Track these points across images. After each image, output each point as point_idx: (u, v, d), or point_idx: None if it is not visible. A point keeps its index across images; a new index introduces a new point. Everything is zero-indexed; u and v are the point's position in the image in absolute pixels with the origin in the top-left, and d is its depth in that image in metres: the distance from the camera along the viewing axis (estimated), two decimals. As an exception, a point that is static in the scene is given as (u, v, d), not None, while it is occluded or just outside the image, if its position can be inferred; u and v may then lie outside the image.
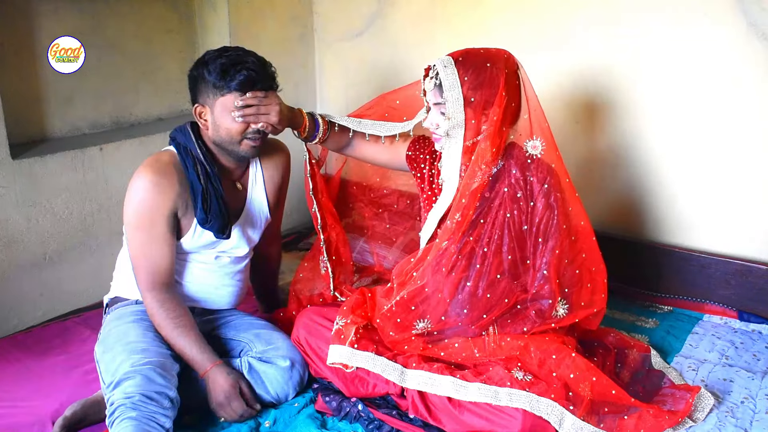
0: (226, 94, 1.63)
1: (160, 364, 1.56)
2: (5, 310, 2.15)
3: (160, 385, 1.52)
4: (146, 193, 1.63)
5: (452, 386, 1.55)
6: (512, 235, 1.64)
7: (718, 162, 2.17)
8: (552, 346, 1.61)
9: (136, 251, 1.67)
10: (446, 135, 1.63)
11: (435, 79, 1.61)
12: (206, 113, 1.68)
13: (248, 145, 1.70)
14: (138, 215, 1.64)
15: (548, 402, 1.49)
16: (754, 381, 1.79)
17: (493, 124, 1.59)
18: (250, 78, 1.62)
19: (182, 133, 1.73)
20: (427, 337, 1.69)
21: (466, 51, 1.63)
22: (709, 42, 2.09)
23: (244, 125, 1.66)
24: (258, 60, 1.67)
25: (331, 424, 1.65)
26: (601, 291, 1.72)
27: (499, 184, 1.65)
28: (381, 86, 2.90)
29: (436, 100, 1.62)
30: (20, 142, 2.24)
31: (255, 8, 2.74)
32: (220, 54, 1.65)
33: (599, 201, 2.40)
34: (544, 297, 1.64)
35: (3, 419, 1.65)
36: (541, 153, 1.66)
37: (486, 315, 1.65)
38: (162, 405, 1.50)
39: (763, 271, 2.12)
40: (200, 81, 1.66)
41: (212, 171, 1.70)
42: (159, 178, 1.64)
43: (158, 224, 1.64)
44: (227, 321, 1.86)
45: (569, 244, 1.66)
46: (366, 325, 1.73)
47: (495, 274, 1.64)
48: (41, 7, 2.25)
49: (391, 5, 2.77)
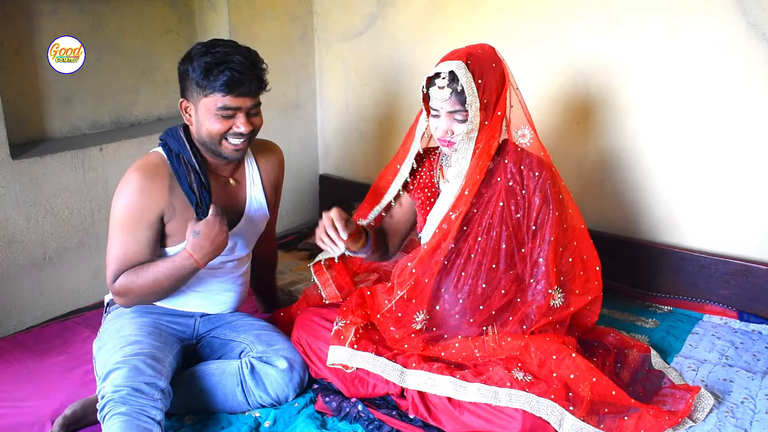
0: (209, 95, 1.59)
1: (152, 355, 1.56)
2: (5, 310, 2.15)
3: (150, 375, 1.51)
4: (132, 197, 1.61)
5: (452, 386, 1.55)
6: (506, 224, 1.66)
7: (718, 162, 2.16)
8: (552, 346, 1.61)
9: (114, 248, 1.64)
10: (467, 138, 1.62)
11: (449, 87, 1.58)
12: (191, 109, 1.65)
13: (229, 148, 1.66)
14: (123, 217, 1.62)
15: (548, 402, 1.49)
16: (754, 381, 1.80)
17: (499, 121, 1.63)
18: (233, 79, 1.57)
19: (174, 139, 1.68)
20: (426, 334, 1.70)
21: (467, 53, 1.61)
22: (709, 42, 2.09)
23: (225, 127, 1.61)
24: (246, 59, 1.60)
25: (331, 424, 1.65)
26: (594, 278, 1.74)
27: (494, 175, 1.67)
28: (381, 86, 2.91)
29: (453, 108, 1.59)
30: (20, 142, 2.24)
31: (255, 8, 2.74)
32: (207, 50, 1.59)
33: (599, 201, 2.41)
34: (541, 284, 1.65)
35: (3, 419, 1.65)
36: (530, 141, 1.69)
37: (483, 306, 1.66)
38: (152, 397, 1.49)
39: (763, 271, 2.12)
40: (186, 77, 1.62)
41: (207, 181, 1.67)
42: (147, 182, 1.62)
43: (141, 228, 1.62)
44: (227, 322, 1.85)
45: (562, 232, 1.68)
46: (366, 326, 1.74)
47: (491, 264, 1.66)
48: (41, 7, 2.25)
49: (390, 5, 2.77)
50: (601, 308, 1.84)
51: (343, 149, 3.14)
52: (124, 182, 1.64)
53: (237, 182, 1.80)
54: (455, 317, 1.69)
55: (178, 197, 1.66)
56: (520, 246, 1.67)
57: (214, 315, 1.86)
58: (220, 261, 1.77)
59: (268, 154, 1.89)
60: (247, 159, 1.83)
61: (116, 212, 1.63)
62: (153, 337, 1.64)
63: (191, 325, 1.81)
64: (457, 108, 1.59)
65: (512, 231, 1.67)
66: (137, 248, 1.63)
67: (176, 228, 1.68)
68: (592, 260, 1.75)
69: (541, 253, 1.66)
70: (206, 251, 1.60)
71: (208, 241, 1.59)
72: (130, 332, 1.64)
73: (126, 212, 1.62)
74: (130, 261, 1.63)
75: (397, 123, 2.88)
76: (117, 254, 1.63)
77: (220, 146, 1.65)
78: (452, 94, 1.58)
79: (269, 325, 1.87)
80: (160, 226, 1.66)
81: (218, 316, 1.87)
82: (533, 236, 1.67)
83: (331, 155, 3.20)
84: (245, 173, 1.83)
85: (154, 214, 1.63)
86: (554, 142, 2.41)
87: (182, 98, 1.66)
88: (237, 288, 1.87)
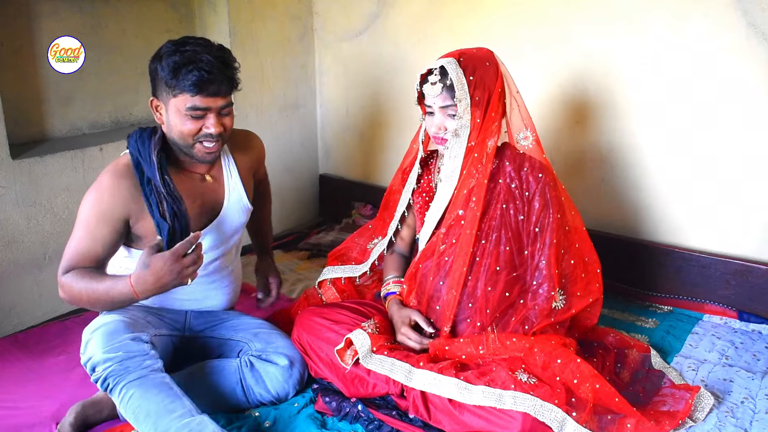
0: (178, 95, 1.56)
1: (126, 323, 1.55)
2: (5, 310, 2.15)
3: (130, 333, 1.52)
4: (100, 196, 1.60)
5: (456, 389, 1.54)
6: (509, 227, 1.67)
7: (718, 161, 2.17)
8: (557, 350, 1.61)
9: (72, 242, 1.61)
10: (455, 135, 1.64)
11: (441, 82, 1.61)
12: (162, 109, 1.63)
13: (202, 151, 1.63)
14: (86, 214, 1.60)
15: (551, 407, 1.49)
16: (754, 381, 1.80)
17: (493, 121, 1.63)
18: (202, 79, 1.53)
19: (141, 147, 1.63)
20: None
21: (461, 52, 1.65)
22: (709, 42, 2.09)
23: (196, 127, 1.59)
24: (216, 58, 1.56)
25: (331, 424, 1.65)
26: (595, 281, 1.76)
27: (495, 178, 1.68)
28: (381, 86, 2.91)
29: (445, 103, 1.63)
30: (20, 142, 2.24)
31: (255, 8, 2.74)
32: (177, 49, 1.55)
33: (599, 201, 2.41)
34: (543, 288, 1.67)
35: (4, 420, 1.65)
36: (531, 144, 1.71)
37: (489, 310, 1.66)
38: (143, 351, 1.50)
39: (763, 271, 2.12)
40: (155, 76, 1.59)
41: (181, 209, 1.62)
42: (116, 183, 1.60)
43: (102, 226, 1.60)
44: (225, 321, 1.85)
45: (564, 235, 1.69)
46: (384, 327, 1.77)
47: (494, 267, 1.66)
48: (41, 7, 2.25)
49: (390, 5, 2.78)
50: (602, 308, 1.84)
51: (343, 149, 3.14)
52: (96, 182, 1.63)
53: (214, 178, 1.77)
54: (467, 321, 1.70)
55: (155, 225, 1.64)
56: (521, 249, 1.68)
57: (211, 316, 1.86)
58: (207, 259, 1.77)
59: (244, 147, 1.86)
60: (223, 154, 1.80)
61: (82, 208, 1.61)
62: (132, 317, 1.61)
63: (181, 319, 1.81)
64: (449, 103, 1.62)
65: (514, 234, 1.68)
66: (92, 245, 1.60)
67: (144, 231, 1.65)
68: (593, 263, 1.77)
69: (542, 257, 1.67)
70: (148, 287, 1.48)
71: (153, 277, 1.46)
72: (110, 318, 1.60)
73: (90, 210, 1.60)
74: (83, 256, 1.60)
75: (397, 123, 2.88)
76: (72, 247, 1.61)
77: (192, 149, 1.63)
78: (443, 89, 1.61)
79: (267, 323, 1.87)
80: (124, 229, 1.63)
81: (211, 313, 1.86)
82: (534, 239, 1.68)
83: (331, 155, 3.20)
84: (222, 168, 1.79)
85: (119, 214, 1.60)
86: (553, 142, 2.42)
87: (153, 97, 1.64)
88: (229, 285, 1.86)
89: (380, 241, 1.97)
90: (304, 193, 3.18)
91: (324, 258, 2.57)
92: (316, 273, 2.30)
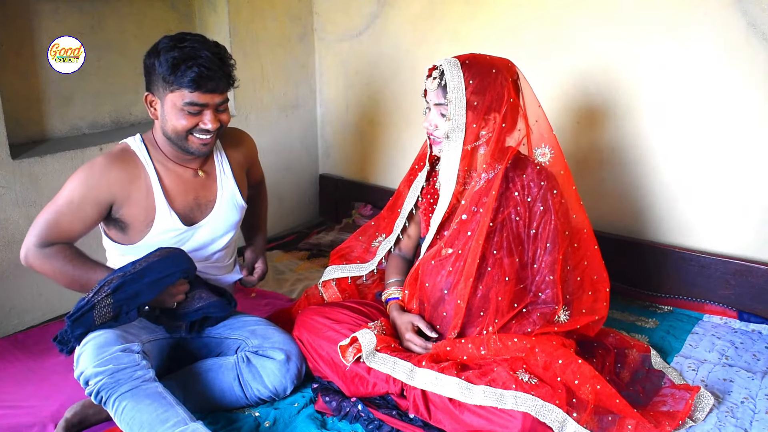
0: (175, 90, 1.57)
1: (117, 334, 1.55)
2: (5, 310, 2.15)
3: (121, 345, 1.51)
4: (89, 176, 1.61)
5: (457, 388, 1.54)
6: (516, 238, 1.67)
7: (718, 162, 2.17)
8: (558, 350, 1.61)
9: (49, 213, 1.61)
10: (446, 137, 1.63)
11: (439, 79, 1.61)
12: (157, 104, 1.64)
13: (196, 143, 1.64)
14: (72, 189, 1.60)
15: (552, 407, 1.49)
16: (754, 381, 1.80)
17: (494, 130, 1.62)
18: (201, 75, 1.54)
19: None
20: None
21: (473, 55, 1.64)
22: (709, 42, 2.09)
23: (192, 123, 1.60)
24: (214, 54, 1.58)
25: (331, 424, 1.65)
26: (603, 299, 1.74)
27: (504, 189, 1.67)
28: (381, 86, 2.91)
29: (438, 100, 1.63)
30: (20, 142, 2.24)
31: (255, 8, 2.74)
32: (175, 45, 1.57)
33: (600, 201, 2.41)
34: (548, 302, 1.67)
35: (4, 420, 1.65)
36: (549, 160, 1.70)
37: (498, 320, 1.67)
38: (134, 362, 1.49)
39: (763, 271, 2.12)
40: (152, 71, 1.60)
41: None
42: (106, 167, 1.62)
43: (87, 206, 1.61)
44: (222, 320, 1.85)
45: (572, 251, 1.69)
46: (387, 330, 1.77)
47: (504, 277, 1.66)
48: (41, 7, 2.25)
49: (390, 5, 2.77)
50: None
51: (343, 149, 3.14)
52: (88, 162, 1.64)
53: (206, 173, 1.77)
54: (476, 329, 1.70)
55: (142, 187, 1.65)
56: (526, 261, 1.68)
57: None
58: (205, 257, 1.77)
59: (236, 144, 1.87)
60: (216, 149, 1.81)
61: (69, 184, 1.62)
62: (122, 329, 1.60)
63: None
64: (442, 101, 1.61)
65: (520, 245, 1.67)
66: (74, 222, 1.61)
67: (130, 218, 1.66)
68: (602, 281, 1.74)
69: (544, 264, 1.66)
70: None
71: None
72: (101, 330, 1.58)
73: (77, 187, 1.60)
74: (61, 231, 1.61)
75: (397, 123, 2.88)
76: (52, 221, 1.61)
77: (186, 141, 1.64)
78: (440, 86, 1.61)
79: (264, 320, 1.86)
80: (106, 212, 1.64)
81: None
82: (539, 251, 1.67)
83: (331, 155, 3.20)
84: (214, 164, 1.80)
85: (104, 197, 1.62)
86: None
87: (147, 92, 1.64)
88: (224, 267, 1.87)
89: (386, 239, 1.96)
90: (304, 193, 3.17)
91: (324, 258, 2.58)
92: (316, 273, 2.31)
